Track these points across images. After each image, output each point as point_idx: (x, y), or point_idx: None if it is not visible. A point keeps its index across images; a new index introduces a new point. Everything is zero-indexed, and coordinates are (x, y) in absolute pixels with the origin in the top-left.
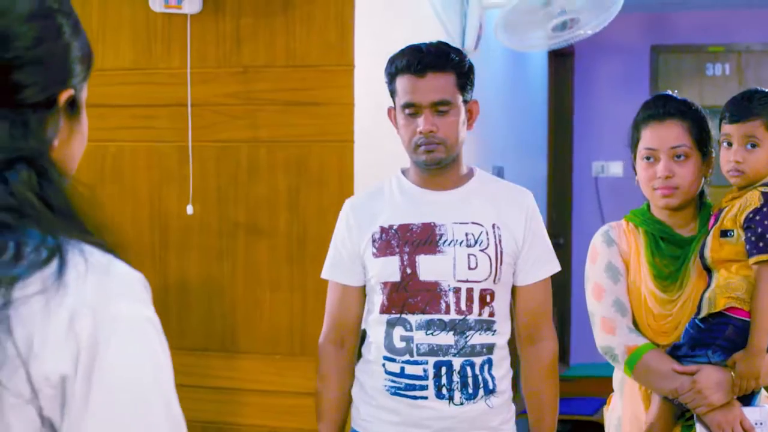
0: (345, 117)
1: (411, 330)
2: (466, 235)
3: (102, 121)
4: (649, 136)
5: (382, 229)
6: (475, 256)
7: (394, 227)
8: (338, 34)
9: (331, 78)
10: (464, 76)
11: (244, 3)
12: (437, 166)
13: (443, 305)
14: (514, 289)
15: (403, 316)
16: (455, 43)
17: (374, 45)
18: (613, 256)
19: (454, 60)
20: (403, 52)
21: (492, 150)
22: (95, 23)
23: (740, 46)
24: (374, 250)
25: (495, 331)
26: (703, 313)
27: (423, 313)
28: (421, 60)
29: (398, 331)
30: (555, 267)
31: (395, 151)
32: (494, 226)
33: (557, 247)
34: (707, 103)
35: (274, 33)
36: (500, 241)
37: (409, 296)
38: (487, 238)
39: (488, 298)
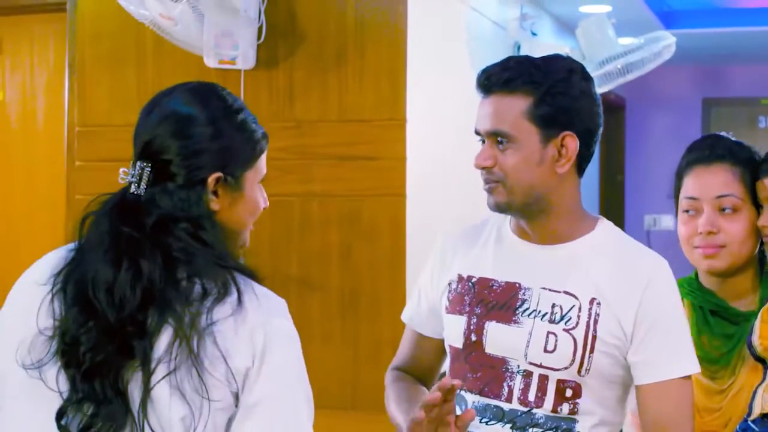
0: (397, 171)
1: None
2: (553, 306)
3: None
4: (691, 184)
5: (460, 279)
6: (555, 335)
7: (474, 279)
8: (390, 88)
9: (383, 132)
10: (546, 98)
11: (297, 58)
12: (505, 212)
13: (506, 390)
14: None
15: (461, 392)
16: None
17: (426, 99)
18: None
19: (531, 78)
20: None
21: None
22: (151, 79)
23: None
24: (447, 304)
25: None
26: (756, 413)
27: (480, 394)
28: (490, 75)
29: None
30: (687, 367)
31: (448, 205)
32: (593, 301)
33: None
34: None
35: (326, 88)
36: (596, 321)
37: (469, 370)
38: (578, 316)
39: (569, 393)
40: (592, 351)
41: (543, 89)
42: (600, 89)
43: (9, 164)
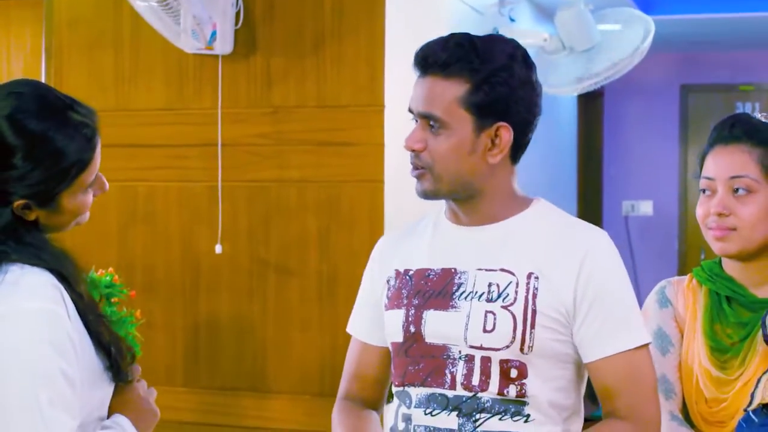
0: (375, 157)
1: (410, 407)
2: (489, 285)
3: (134, 161)
4: (709, 163)
5: (397, 274)
6: (494, 314)
7: (411, 272)
8: (369, 74)
9: (361, 118)
10: (483, 87)
11: (275, 44)
12: (434, 199)
13: (448, 377)
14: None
15: (405, 388)
16: None
17: (404, 85)
18: (665, 320)
19: (469, 64)
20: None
21: (521, 190)
22: (128, 64)
23: None
24: (386, 301)
25: (528, 418)
26: (756, 402)
27: (423, 385)
28: (427, 55)
29: (401, 409)
30: (640, 337)
31: None
32: (530, 276)
33: None
34: None
35: (304, 74)
36: (534, 296)
37: (410, 362)
38: (516, 292)
39: (514, 373)
40: (533, 326)
41: (480, 77)
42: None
43: None
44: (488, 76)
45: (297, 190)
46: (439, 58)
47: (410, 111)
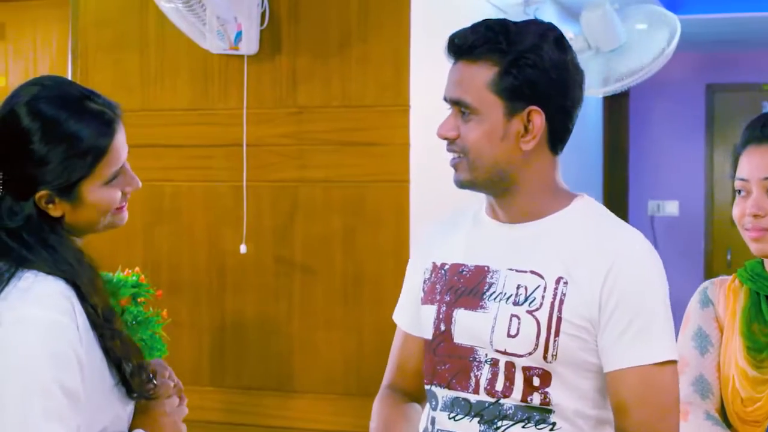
0: (401, 157)
1: (436, 409)
2: (518, 287)
3: (159, 161)
4: (743, 164)
5: (434, 267)
6: (518, 318)
7: (446, 266)
8: (394, 74)
9: (386, 118)
10: (512, 70)
11: (301, 44)
12: (471, 189)
13: (473, 380)
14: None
15: (432, 387)
16: None
17: (430, 85)
18: (705, 320)
19: (497, 46)
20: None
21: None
22: (153, 65)
23: None
24: (422, 294)
25: (554, 426)
26: None
27: (448, 387)
28: (455, 40)
29: (429, 410)
30: (660, 352)
31: (452, 191)
32: (559, 280)
33: None
34: None
35: (329, 74)
36: (561, 302)
37: (438, 361)
38: (543, 296)
39: (536, 381)
40: (557, 334)
41: (509, 59)
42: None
43: None
44: (516, 58)
45: (322, 190)
46: (466, 41)
47: (444, 99)
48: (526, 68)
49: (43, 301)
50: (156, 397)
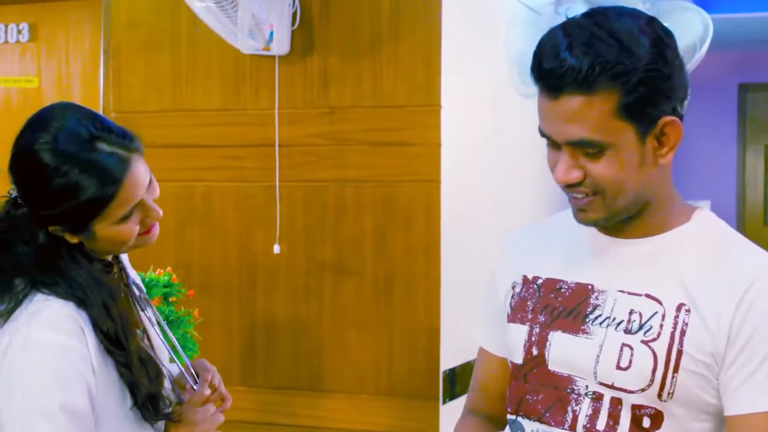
0: (432, 157)
1: None
2: (630, 313)
3: (191, 162)
4: None
5: (525, 281)
6: (631, 348)
7: (540, 281)
8: (425, 74)
9: (418, 118)
10: (639, 90)
11: (332, 44)
12: (602, 226)
13: (570, 416)
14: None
15: (519, 419)
16: None
17: (461, 85)
18: None
19: (615, 72)
20: (538, 48)
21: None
22: (185, 65)
23: None
24: (509, 311)
25: None
26: None
27: (540, 420)
28: (553, 72)
29: None
30: None
31: (483, 191)
32: (681, 307)
33: None
34: None
35: (361, 74)
36: (683, 333)
37: (528, 390)
38: (661, 325)
39: (646, 422)
40: (676, 369)
41: (633, 80)
42: None
43: None
44: (641, 78)
45: (354, 190)
46: (579, 72)
47: (544, 136)
48: (657, 81)
49: (50, 324)
50: (178, 420)
